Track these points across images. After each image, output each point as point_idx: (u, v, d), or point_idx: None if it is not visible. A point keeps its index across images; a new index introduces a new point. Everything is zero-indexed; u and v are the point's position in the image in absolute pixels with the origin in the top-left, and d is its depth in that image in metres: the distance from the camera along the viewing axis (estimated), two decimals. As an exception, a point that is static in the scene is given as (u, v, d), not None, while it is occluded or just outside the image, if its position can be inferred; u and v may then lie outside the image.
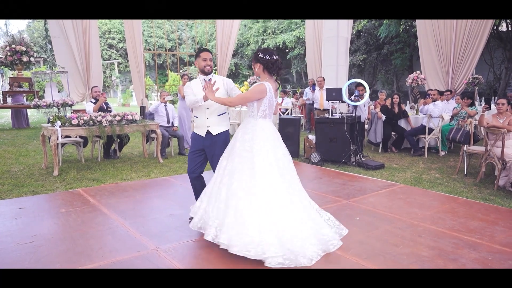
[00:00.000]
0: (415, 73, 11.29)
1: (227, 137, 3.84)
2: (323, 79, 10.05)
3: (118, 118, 6.47)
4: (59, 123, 6.01)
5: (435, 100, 8.12)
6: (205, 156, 3.88)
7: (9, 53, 11.31)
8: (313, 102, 10.81)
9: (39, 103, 6.73)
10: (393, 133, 8.22)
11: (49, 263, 3.06)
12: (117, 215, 4.17)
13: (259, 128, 3.36)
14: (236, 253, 2.97)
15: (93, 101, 7.34)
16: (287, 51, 25.40)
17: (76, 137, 6.66)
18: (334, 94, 7.23)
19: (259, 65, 3.37)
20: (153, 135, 7.41)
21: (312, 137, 7.59)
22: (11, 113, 12.59)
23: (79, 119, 6.17)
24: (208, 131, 3.77)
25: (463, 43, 10.54)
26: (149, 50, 26.60)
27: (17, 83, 12.30)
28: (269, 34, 25.62)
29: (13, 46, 11.27)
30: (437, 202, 4.71)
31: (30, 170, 6.31)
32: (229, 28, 13.20)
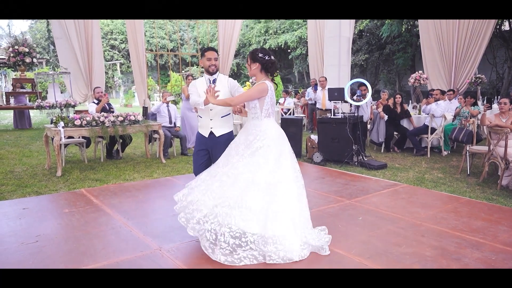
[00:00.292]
0: (417, 72, 11.27)
1: (230, 138, 3.82)
2: (325, 79, 10.05)
3: (120, 118, 6.48)
4: (62, 123, 6.03)
5: (438, 99, 8.11)
6: (210, 155, 3.89)
7: (12, 54, 11.37)
8: (315, 102, 10.81)
9: (42, 104, 6.76)
10: (395, 133, 8.21)
11: (53, 263, 3.08)
12: (120, 215, 4.19)
13: (267, 127, 3.33)
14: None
15: (96, 101, 7.36)
16: (289, 51, 25.41)
17: (79, 138, 6.69)
18: (336, 94, 7.23)
19: (258, 64, 3.33)
20: (156, 136, 7.42)
21: (314, 137, 7.59)
22: (13, 114, 12.63)
23: (82, 119, 6.19)
24: (211, 132, 3.77)
25: (466, 42, 10.51)
26: (151, 50, 26.61)
27: (20, 84, 12.34)
28: (271, 34, 25.62)
29: (16, 47, 11.32)
30: (440, 201, 4.71)
31: (33, 170, 6.33)
32: (231, 28, 13.20)
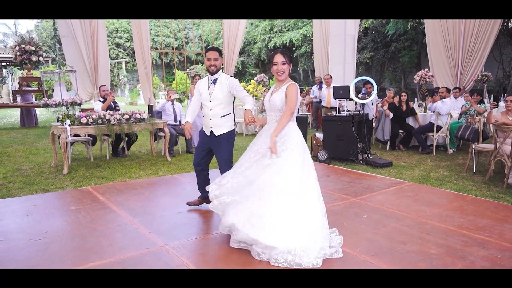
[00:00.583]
0: (423, 70, 11.22)
1: (230, 136, 3.91)
2: (330, 77, 10.03)
3: (126, 116, 6.52)
4: (68, 121, 6.07)
5: (443, 97, 8.08)
6: (210, 151, 4.02)
7: (18, 53, 11.44)
8: (320, 100, 10.80)
9: (48, 102, 6.81)
10: (401, 131, 8.18)
11: (60, 259, 3.10)
12: (126, 212, 4.22)
13: (292, 130, 3.31)
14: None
15: (102, 100, 7.40)
16: (294, 49, 25.36)
17: (85, 136, 6.73)
18: (341, 92, 7.22)
19: (290, 66, 3.32)
20: (161, 134, 7.45)
21: (319, 135, 7.58)
22: (20, 112, 12.72)
23: (88, 117, 6.23)
24: (211, 131, 3.89)
25: (472, 40, 10.45)
26: (156, 49, 26.70)
27: (26, 83, 12.43)
28: (276, 32, 25.60)
29: (23, 46, 11.40)
30: (446, 200, 4.69)
31: (40, 168, 6.38)
32: (235, 26, 13.21)
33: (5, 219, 4.02)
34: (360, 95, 7.17)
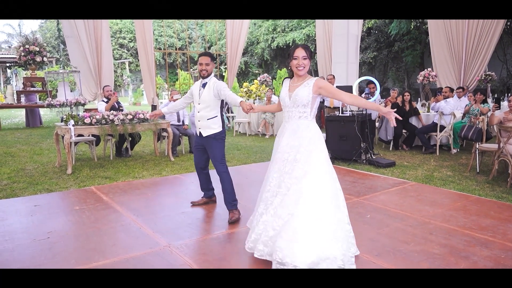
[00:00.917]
0: (426, 70, 11.19)
1: (218, 137, 4.03)
2: (333, 76, 10.02)
3: (130, 117, 6.55)
4: (72, 122, 6.11)
5: (447, 97, 8.05)
6: (206, 151, 4.17)
7: (23, 54, 11.50)
8: (323, 99, 10.77)
9: (52, 102, 6.84)
10: (404, 131, 8.17)
11: (64, 259, 3.13)
12: (129, 212, 4.24)
13: (317, 128, 3.15)
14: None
15: (105, 100, 7.43)
16: (297, 49, 25.28)
17: (88, 136, 6.76)
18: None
19: (309, 61, 3.12)
20: (164, 134, 7.47)
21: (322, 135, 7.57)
22: (25, 112, 12.79)
23: (91, 118, 6.26)
24: (200, 132, 4.07)
25: (475, 39, 10.41)
26: (160, 49, 26.74)
27: (31, 83, 12.50)
28: (279, 32, 25.57)
29: (27, 46, 11.46)
30: (449, 200, 4.69)
31: (44, 168, 6.42)
32: (239, 26, 13.21)
33: (9, 218, 4.05)
34: (363, 95, 7.17)
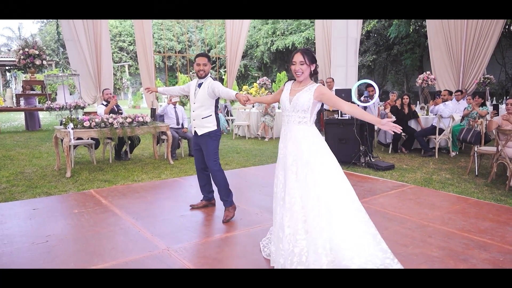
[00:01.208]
0: (425, 73, 11.22)
1: (212, 135, 4.08)
2: (333, 80, 10.04)
3: (129, 120, 6.55)
4: (71, 125, 6.11)
5: (446, 100, 8.07)
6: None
7: (22, 57, 11.52)
8: (323, 103, 10.79)
9: (52, 105, 6.85)
10: (403, 134, 8.18)
11: (63, 262, 3.12)
12: (128, 215, 4.23)
13: (316, 134, 3.15)
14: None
15: (105, 103, 7.43)
16: (296, 52, 25.34)
17: (88, 139, 6.76)
18: (343, 95, 7.22)
19: (313, 65, 2.99)
20: (164, 137, 7.48)
21: (321, 138, 7.58)
22: (24, 115, 12.80)
23: (91, 121, 6.26)
24: (195, 131, 4.15)
25: (474, 42, 10.43)
26: (159, 52, 26.80)
27: (30, 86, 12.51)
28: (278, 35, 25.63)
29: (26, 49, 11.48)
30: (448, 202, 4.69)
31: (43, 171, 6.42)
32: (238, 29, 13.24)
33: (8, 222, 4.05)
34: (362, 98, 7.17)
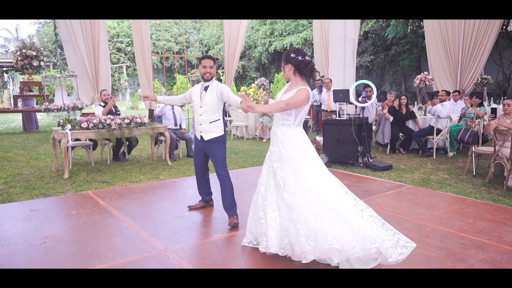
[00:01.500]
0: (422, 73, 11.24)
1: (219, 140, 4.01)
2: (330, 80, 10.05)
3: (127, 121, 6.54)
4: (69, 126, 6.10)
5: (443, 100, 8.09)
6: (207, 155, 4.14)
7: (19, 58, 11.50)
8: (321, 103, 10.82)
9: (49, 106, 6.83)
10: (401, 134, 8.20)
11: (60, 263, 3.12)
12: (126, 216, 4.23)
13: (297, 136, 3.18)
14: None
15: (102, 104, 7.42)
16: (294, 53, 25.35)
17: (85, 140, 6.76)
18: (341, 95, 7.24)
19: (290, 66, 3.10)
20: (162, 138, 7.47)
21: (319, 139, 7.60)
22: (22, 117, 12.76)
23: (88, 122, 6.25)
24: (201, 135, 4.02)
25: (471, 43, 10.47)
26: (157, 53, 26.77)
27: (28, 87, 12.48)
28: (276, 36, 25.64)
29: (24, 51, 11.45)
30: (445, 202, 4.70)
31: (41, 173, 6.40)
32: (236, 30, 13.24)
33: (5, 223, 4.04)
34: (360, 99, 7.18)
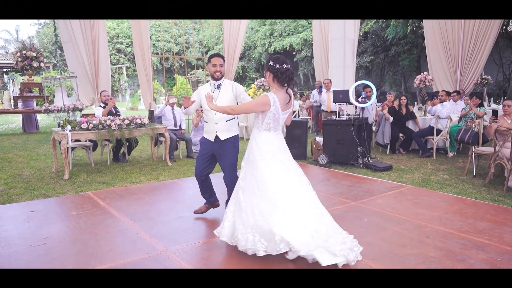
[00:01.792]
0: (422, 74, 11.25)
1: (235, 141, 3.91)
2: (330, 81, 10.06)
3: (127, 122, 6.55)
4: (69, 127, 6.10)
5: (443, 101, 8.09)
6: (213, 159, 3.98)
7: (19, 59, 11.48)
8: (321, 104, 10.83)
9: (50, 107, 6.83)
10: (401, 135, 8.20)
11: (60, 264, 3.12)
12: (126, 217, 4.23)
13: (261, 140, 3.25)
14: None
15: (102, 105, 7.42)
16: (294, 53, 25.44)
17: (85, 141, 6.76)
18: (341, 96, 7.24)
19: (269, 73, 3.22)
20: (162, 139, 7.47)
21: (319, 139, 7.60)
22: (22, 118, 12.77)
23: (88, 123, 6.25)
24: (216, 136, 3.84)
25: (471, 43, 10.48)
26: (157, 54, 26.78)
27: (28, 88, 12.47)
28: (276, 36, 25.67)
29: (24, 52, 11.44)
30: (445, 203, 4.70)
31: (41, 173, 6.40)
32: (236, 31, 13.24)
33: (6, 224, 4.04)
34: (359, 99, 7.18)
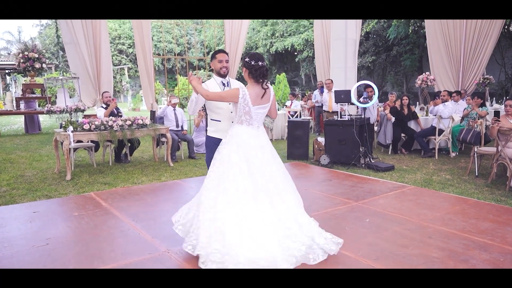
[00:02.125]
0: (424, 74, 11.23)
1: None
2: (332, 81, 10.05)
3: (128, 122, 6.56)
4: (71, 128, 6.12)
5: (445, 101, 8.08)
6: None
7: (22, 60, 11.53)
8: (322, 104, 10.83)
9: (52, 108, 6.84)
10: (403, 135, 8.19)
11: (63, 265, 3.12)
12: (128, 218, 4.23)
13: (236, 133, 3.30)
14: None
15: (104, 106, 7.44)
16: (295, 53, 25.44)
17: (88, 142, 6.77)
18: (342, 96, 7.24)
19: (245, 69, 3.34)
20: (163, 139, 7.48)
21: (321, 140, 7.60)
22: (24, 119, 12.80)
23: (90, 124, 6.27)
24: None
25: (473, 43, 10.44)
26: (159, 54, 26.83)
27: (30, 89, 12.51)
28: (278, 37, 25.67)
29: (26, 53, 11.49)
30: (448, 203, 4.69)
31: (43, 174, 6.42)
32: (237, 31, 13.24)
33: (8, 225, 4.05)
34: (361, 99, 7.18)
